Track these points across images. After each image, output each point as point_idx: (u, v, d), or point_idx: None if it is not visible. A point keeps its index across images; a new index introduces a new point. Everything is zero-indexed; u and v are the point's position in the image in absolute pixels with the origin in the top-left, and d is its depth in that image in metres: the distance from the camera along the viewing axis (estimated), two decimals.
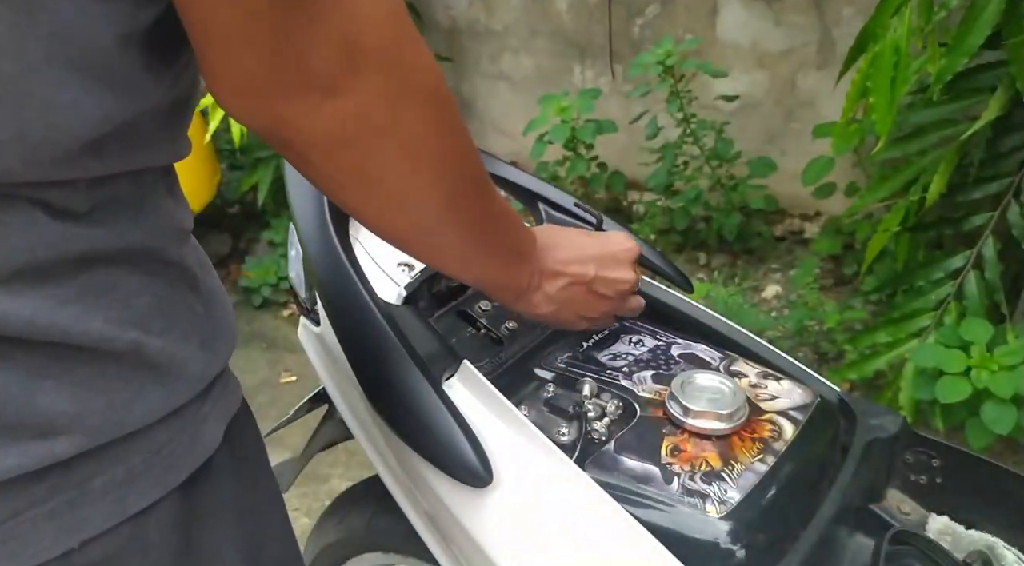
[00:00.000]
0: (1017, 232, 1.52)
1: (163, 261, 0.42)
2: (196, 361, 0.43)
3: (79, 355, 0.37)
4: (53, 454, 0.36)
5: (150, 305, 0.40)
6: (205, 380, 0.44)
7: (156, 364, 0.40)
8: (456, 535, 0.61)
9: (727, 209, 2.23)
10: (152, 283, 0.41)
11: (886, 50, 1.37)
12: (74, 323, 0.36)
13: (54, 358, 0.36)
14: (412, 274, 0.69)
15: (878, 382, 1.76)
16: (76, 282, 0.37)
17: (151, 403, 0.40)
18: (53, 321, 0.36)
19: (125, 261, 0.39)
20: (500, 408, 0.59)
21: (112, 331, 0.38)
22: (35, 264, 0.35)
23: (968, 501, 0.63)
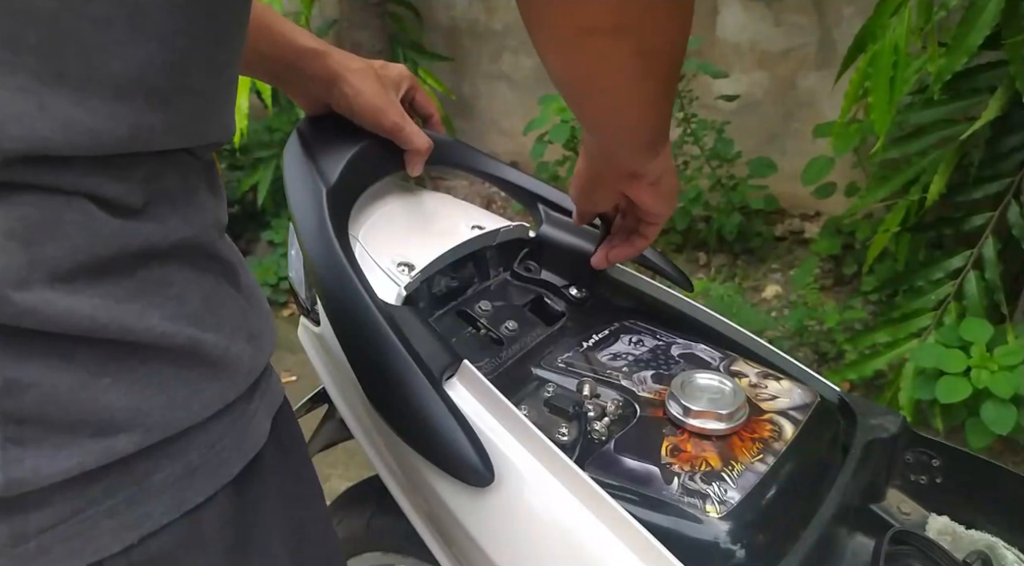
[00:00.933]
0: (1017, 232, 1.53)
1: (209, 256, 0.42)
2: (246, 356, 0.43)
3: (137, 352, 0.37)
4: (113, 451, 0.37)
5: (201, 301, 0.41)
6: (254, 374, 0.45)
7: (211, 360, 0.41)
8: (456, 535, 0.61)
9: (727, 209, 2.23)
10: (201, 279, 0.41)
11: (885, 50, 1.37)
12: (135, 320, 0.37)
13: (113, 356, 0.37)
14: (412, 274, 0.69)
15: (878, 382, 1.76)
16: (134, 279, 0.37)
17: (207, 399, 0.41)
18: (114, 318, 0.36)
19: (177, 257, 0.40)
20: (500, 408, 0.59)
21: (170, 327, 0.38)
22: (94, 261, 0.35)
23: (968, 501, 0.63)
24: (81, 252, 0.35)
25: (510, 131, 2.75)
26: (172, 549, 0.40)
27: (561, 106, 2.21)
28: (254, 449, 0.44)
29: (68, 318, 0.34)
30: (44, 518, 0.36)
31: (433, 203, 0.83)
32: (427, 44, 2.75)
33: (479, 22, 2.68)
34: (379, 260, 0.70)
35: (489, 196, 2.72)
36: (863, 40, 1.43)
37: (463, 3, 2.67)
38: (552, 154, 2.34)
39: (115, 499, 0.38)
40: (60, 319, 0.34)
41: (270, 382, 0.48)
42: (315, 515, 0.53)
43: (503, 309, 0.75)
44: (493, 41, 2.69)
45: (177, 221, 0.39)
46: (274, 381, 0.49)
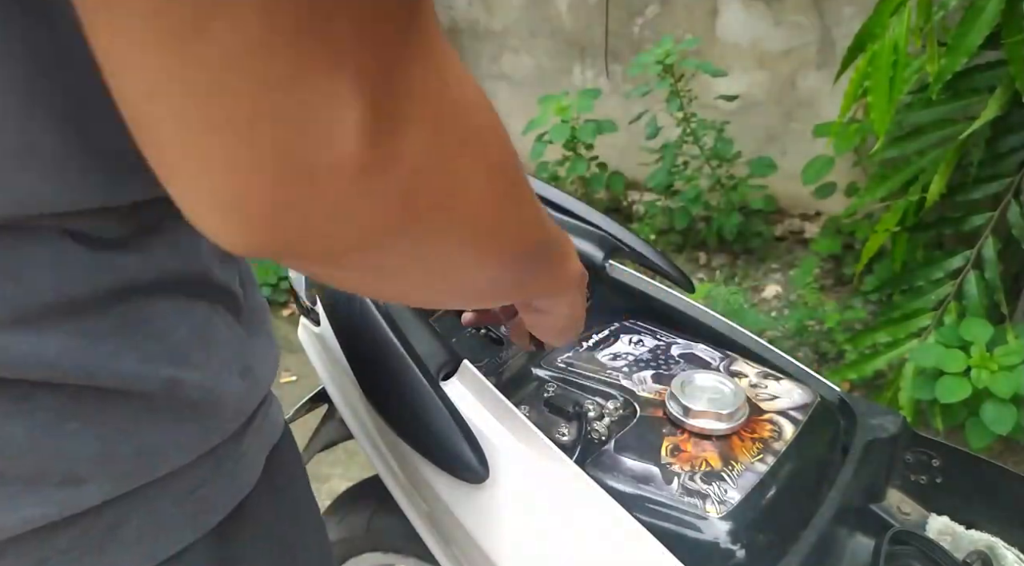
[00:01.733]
0: (1017, 232, 1.53)
1: (204, 284, 0.38)
2: (235, 394, 0.40)
3: (107, 397, 0.34)
4: (79, 503, 0.34)
5: (189, 335, 0.37)
6: (245, 413, 0.41)
7: (191, 401, 0.37)
8: (456, 534, 0.61)
9: (727, 209, 2.23)
10: (191, 310, 0.37)
11: (885, 49, 1.37)
12: (104, 364, 0.33)
13: (80, 401, 0.33)
14: None
15: (878, 382, 1.76)
16: (109, 317, 0.33)
17: (184, 444, 0.37)
18: (80, 363, 0.32)
19: (163, 290, 0.36)
20: (500, 408, 0.59)
21: (145, 369, 0.35)
22: (64, 300, 0.32)
23: (968, 501, 0.63)
24: (48, 292, 0.31)
25: (510, 131, 2.72)
26: None
27: (561, 106, 2.21)
28: (241, 493, 0.41)
29: (24, 363, 0.31)
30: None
31: None
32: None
33: (479, 22, 2.68)
34: None
35: None
36: (863, 40, 1.43)
37: (463, 3, 2.67)
38: (552, 154, 2.34)
39: (82, 549, 0.35)
40: (15, 364, 0.31)
41: (267, 415, 0.44)
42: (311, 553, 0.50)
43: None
44: (493, 41, 2.69)
45: (163, 253, 0.35)
46: (272, 413, 0.45)
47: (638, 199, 2.52)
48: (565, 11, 2.50)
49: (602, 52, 2.48)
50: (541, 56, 2.62)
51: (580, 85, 2.54)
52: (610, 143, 2.36)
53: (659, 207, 2.37)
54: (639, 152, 2.30)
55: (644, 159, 2.31)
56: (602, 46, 2.47)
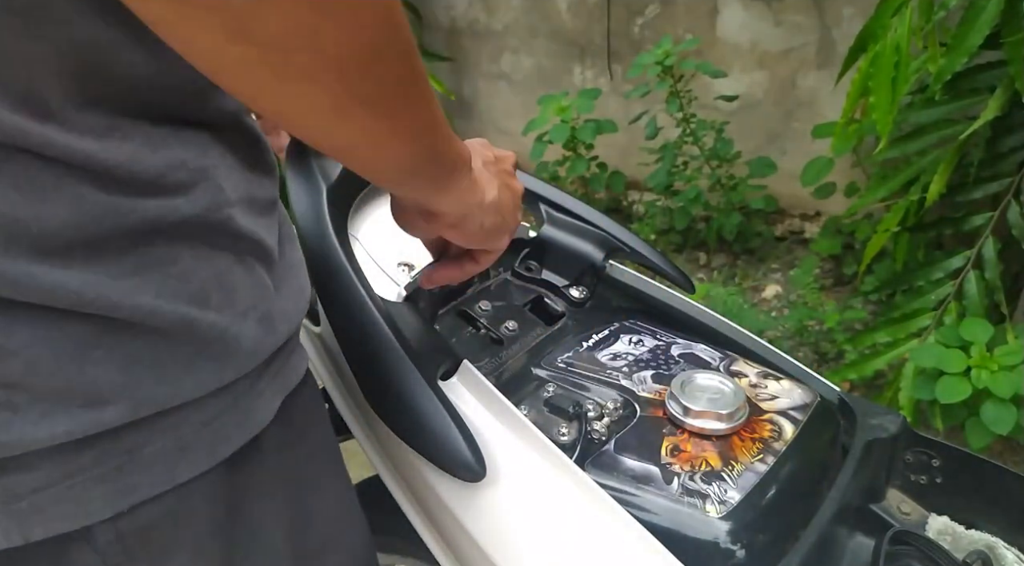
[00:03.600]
0: (1017, 232, 1.53)
1: (231, 234, 0.41)
2: (251, 337, 0.42)
3: (129, 328, 0.37)
4: (101, 422, 0.37)
5: (210, 279, 0.40)
6: (261, 355, 0.43)
7: (208, 339, 0.40)
8: (455, 534, 0.61)
9: (727, 209, 2.23)
10: (215, 256, 0.40)
11: (887, 50, 1.37)
12: (124, 298, 0.36)
13: (105, 330, 0.36)
14: (412, 274, 0.69)
15: (878, 382, 1.76)
16: (133, 255, 0.36)
17: (201, 377, 0.40)
18: (102, 295, 0.35)
19: (187, 234, 0.39)
20: (499, 408, 0.59)
21: (163, 307, 0.37)
22: (86, 237, 0.35)
23: (968, 501, 0.63)
24: (70, 228, 0.34)
25: (510, 131, 2.75)
26: (160, 520, 0.41)
27: (561, 106, 2.21)
28: (256, 428, 0.44)
29: (52, 292, 0.34)
30: (35, 480, 0.37)
31: None
32: (427, 44, 2.75)
33: (479, 22, 2.68)
34: (379, 260, 0.70)
35: None
36: (864, 40, 1.43)
37: (463, 3, 2.67)
38: (552, 154, 2.34)
39: (105, 467, 0.38)
40: (43, 293, 0.34)
41: (287, 362, 0.47)
42: (330, 500, 0.53)
43: (503, 309, 0.75)
44: (493, 41, 2.69)
45: (190, 197, 0.38)
46: (294, 361, 0.48)
47: (638, 199, 2.52)
48: (565, 11, 2.50)
49: (602, 52, 2.48)
50: (541, 56, 2.62)
51: (580, 85, 2.54)
52: (610, 143, 2.36)
53: (659, 207, 2.37)
54: (639, 152, 2.30)
55: (644, 159, 2.31)
56: (602, 46, 2.47)
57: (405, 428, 0.59)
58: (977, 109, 1.52)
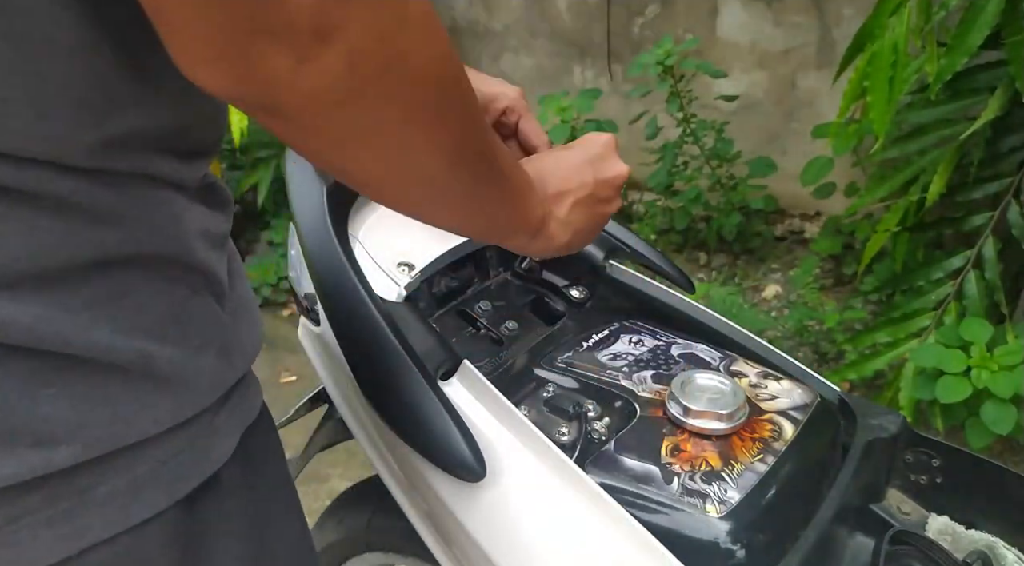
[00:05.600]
0: (1017, 232, 1.53)
1: (186, 267, 0.40)
2: (209, 371, 0.41)
3: (83, 365, 0.36)
4: (51, 463, 0.35)
5: (166, 312, 0.39)
6: (219, 391, 0.42)
7: (165, 375, 0.39)
8: (455, 533, 0.61)
9: (727, 209, 2.23)
10: (171, 289, 0.39)
11: (884, 49, 1.37)
12: (79, 333, 0.35)
13: (56, 367, 0.35)
14: (412, 274, 0.69)
15: (878, 382, 1.76)
16: (87, 288, 0.35)
17: (157, 414, 0.39)
18: (55, 330, 0.34)
19: (142, 266, 0.38)
20: (499, 407, 0.59)
21: (119, 342, 0.36)
22: (38, 270, 0.34)
23: (968, 501, 0.63)
24: (22, 261, 0.33)
25: None
26: (112, 563, 0.39)
27: (561, 106, 2.21)
28: (215, 466, 0.42)
29: (4, 327, 0.33)
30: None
31: None
32: None
33: (479, 22, 2.68)
34: (379, 260, 0.70)
35: None
36: (862, 40, 1.43)
37: (463, 3, 2.67)
38: None
39: (54, 510, 0.36)
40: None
41: (244, 395, 0.46)
42: (288, 537, 0.51)
43: (503, 309, 0.75)
44: (493, 41, 2.69)
45: (145, 232, 0.37)
46: (250, 394, 0.47)
47: (638, 199, 2.52)
48: (565, 11, 2.50)
49: (602, 52, 2.48)
50: (541, 56, 2.62)
51: (580, 85, 2.54)
52: None
53: (659, 207, 2.37)
54: (639, 152, 2.30)
55: (644, 159, 2.31)
56: (602, 46, 2.47)
57: (405, 428, 0.59)
58: (977, 109, 1.51)
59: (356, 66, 0.31)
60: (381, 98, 0.34)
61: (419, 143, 0.37)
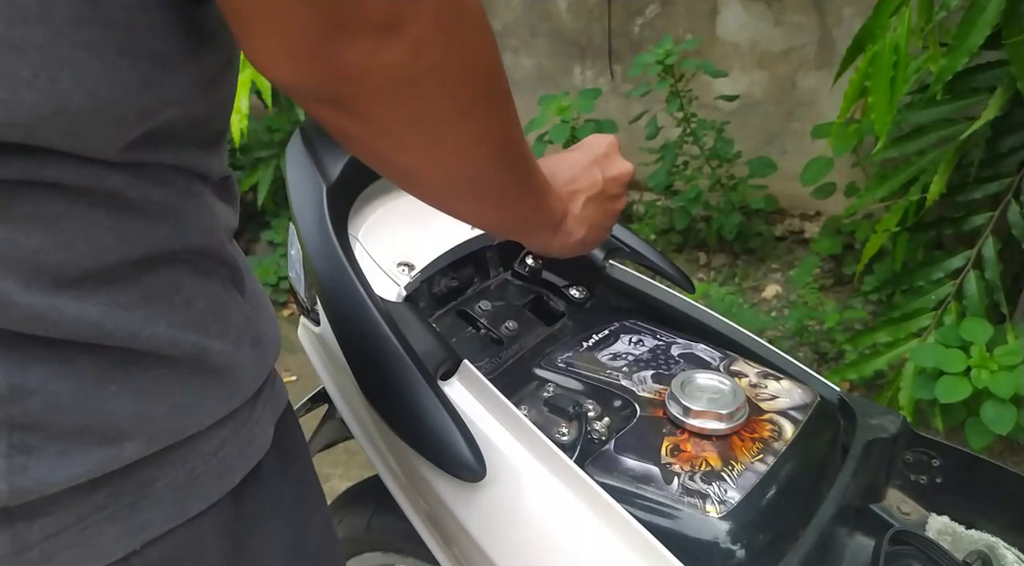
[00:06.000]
0: (1017, 232, 1.52)
1: (217, 260, 0.42)
2: (250, 363, 0.43)
3: (142, 360, 0.37)
4: (120, 459, 0.36)
5: (206, 307, 0.40)
6: (258, 381, 0.44)
7: (215, 367, 0.40)
8: (455, 533, 0.61)
9: (727, 209, 2.23)
10: (208, 284, 0.40)
11: (885, 50, 1.37)
12: (141, 327, 0.36)
13: (118, 363, 0.36)
14: (412, 274, 0.69)
15: (878, 382, 1.76)
16: (139, 285, 0.36)
17: (210, 406, 0.40)
18: (120, 325, 0.35)
19: (186, 262, 0.39)
20: (499, 407, 0.59)
21: (177, 334, 0.38)
22: (99, 267, 0.35)
23: (968, 501, 0.63)
24: (85, 258, 0.34)
25: None
26: (171, 556, 0.40)
27: (561, 106, 2.21)
28: (257, 456, 0.44)
29: (75, 325, 0.34)
30: (48, 526, 0.36)
31: None
32: None
33: None
34: (379, 260, 0.70)
35: None
36: (863, 40, 1.43)
37: None
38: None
39: (118, 505, 0.37)
40: (66, 326, 0.33)
41: (274, 387, 0.47)
42: (317, 522, 0.53)
43: (503, 309, 0.75)
44: None
45: (188, 226, 0.39)
46: (278, 386, 0.48)
47: (638, 199, 2.52)
48: (565, 11, 2.50)
49: (602, 52, 2.48)
50: (541, 56, 2.62)
51: (580, 85, 2.54)
52: None
53: (659, 207, 2.36)
54: (639, 152, 2.30)
55: (644, 159, 2.30)
56: (602, 46, 2.47)
57: (405, 428, 0.59)
58: (977, 109, 1.51)
59: (421, 55, 0.33)
60: (440, 89, 0.36)
61: (468, 136, 0.40)
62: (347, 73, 0.33)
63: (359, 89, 0.34)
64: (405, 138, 0.38)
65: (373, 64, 0.32)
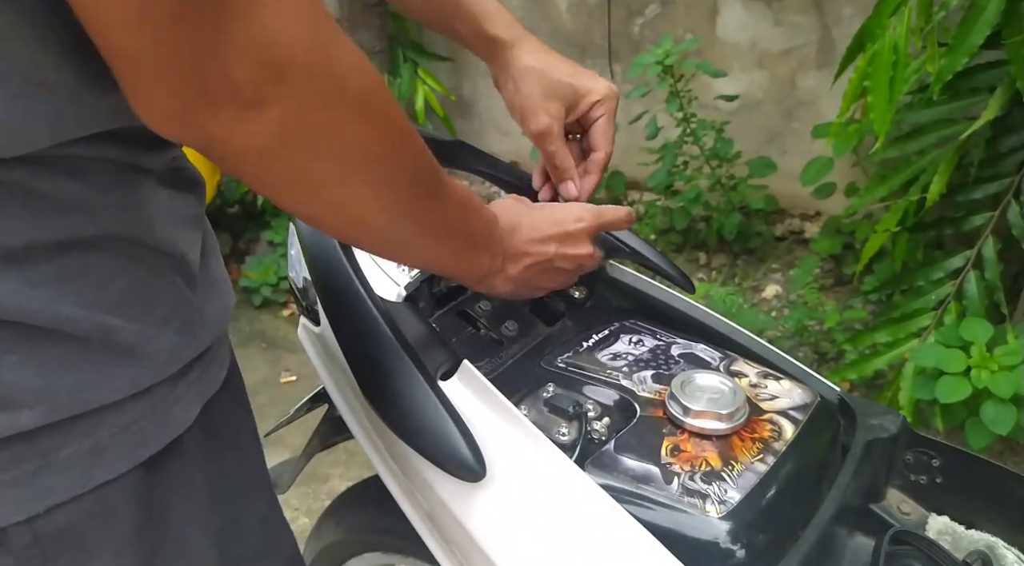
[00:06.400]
0: (1017, 232, 1.53)
1: (149, 247, 0.43)
2: (168, 345, 0.44)
3: (47, 335, 0.38)
4: (15, 425, 0.38)
5: (126, 289, 0.41)
6: (179, 362, 0.45)
7: (125, 347, 0.41)
8: (455, 533, 0.61)
9: (727, 209, 2.23)
10: (132, 268, 0.42)
11: (885, 49, 1.37)
12: (43, 306, 0.38)
13: (21, 336, 0.38)
14: (412, 274, 0.69)
15: (878, 382, 1.76)
16: (51, 266, 0.38)
17: (118, 383, 0.41)
18: (19, 303, 0.37)
19: (103, 247, 0.40)
20: (499, 407, 0.59)
21: (80, 314, 0.39)
22: (4, 250, 0.36)
23: (968, 501, 0.63)
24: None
25: (510, 131, 2.74)
26: (78, 522, 0.41)
27: None
28: (174, 433, 0.45)
29: None
30: None
31: None
32: (427, 44, 2.75)
33: None
34: (379, 260, 0.70)
35: (489, 196, 2.72)
36: (862, 40, 1.43)
37: None
38: None
39: (19, 470, 0.39)
40: None
41: (208, 370, 0.48)
42: (255, 511, 0.54)
43: (503, 309, 0.75)
44: None
45: (105, 214, 0.40)
46: (213, 368, 0.49)
47: (638, 199, 2.52)
48: (565, 11, 2.50)
49: (602, 52, 2.48)
50: None
51: None
52: None
53: (659, 207, 2.37)
54: (639, 152, 2.30)
55: (644, 159, 2.30)
56: (602, 46, 2.47)
57: (405, 428, 0.59)
58: (977, 109, 1.52)
59: (286, 131, 0.36)
60: (313, 157, 0.38)
61: (358, 197, 0.42)
62: (215, 137, 0.35)
63: (226, 150, 0.36)
64: (282, 191, 0.41)
65: (238, 133, 0.35)
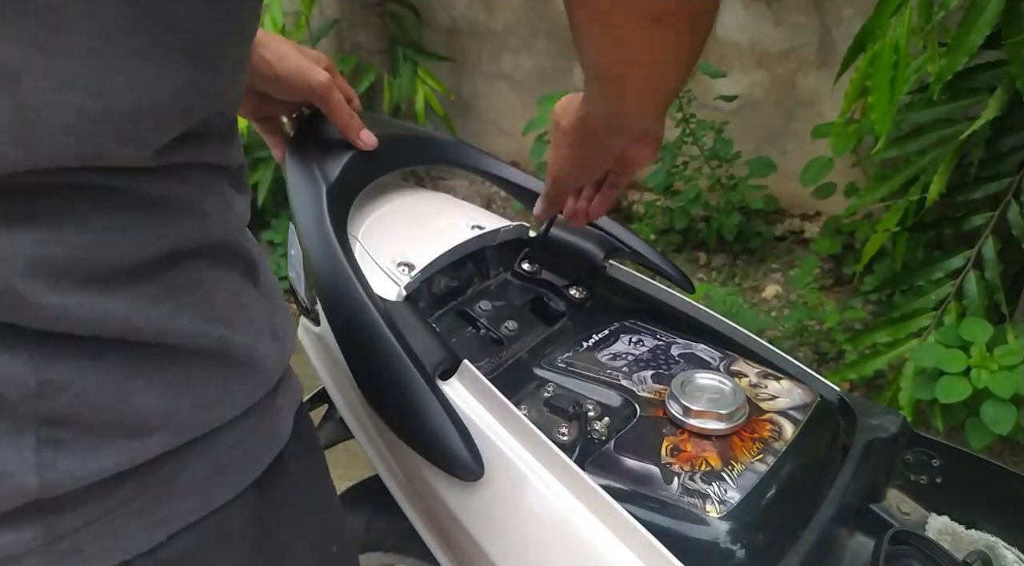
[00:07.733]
0: (1017, 232, 1.52)
1: (235, 254, 0.42)
2: (271, 354, 0.43)
3: (168, 353, 0.37)
4: (146, 452, 0.37)
5: (228, 300, 0.41)
6: (279, 372, 0.45)
7: (240, 359, 0.41)
8: (455, 533, 0.61)
9: (727, 209, 2.23)
10: (228, 277, 0.41)
11: (886, 50, 1.37)
12: (168, 322, 0.37)
13: (145, 357, 0.37)
14: (412, 274, 0.69)
15: (878, 382, 1.76)
16: (164, 279, 0.37)
17: (235, 398, 0.41)
18: (148, 321, 0.36)
19: (207, 256, 0.40)
20: (499, 407, 0.59)
21: (201, 328, 0.38)
22: (128, 264, 0.35)
23: (968, 501, 0.63)
24: (114, 256, 0.35)
25: (510, 131, 2.74)
26: (199, 547, 0.40)
27: None
28: (279, 446, 0.45)
29: (102, 321, 0.34)
30: (77, 518, 0.36)
31: (433, 203, 0.83)
32: (427, 44, 2.75)
33: (479, 22, 2.68)
34: (379, 260, 0.70)
35: (489, 196, 2.72)
36: (863, 40, 1.43)
37: (463, 3, 2.67)
38: None
39: (144, 497, 0.38)
40: (94, 322, 0.34)
41: (291, 380, 0.48)
42: (336, 514, 0.54)
43: (503, 309, 0.75)
44: (493, 41, 2.69)
45: (208, 220, 0.39)
46: (294, 380, 0.49)
47: (638, 199, 2.51)
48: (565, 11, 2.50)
49: None
50: (541, 56, 2.62)
51: (580, 85, 2.54)
52: None
53: (659, 207, 2.36)
54: None
55: None
56: None
57: (404, 428, 0.59)
58: (977, 109, 1.51)
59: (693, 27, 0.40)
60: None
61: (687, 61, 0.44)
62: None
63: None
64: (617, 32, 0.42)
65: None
